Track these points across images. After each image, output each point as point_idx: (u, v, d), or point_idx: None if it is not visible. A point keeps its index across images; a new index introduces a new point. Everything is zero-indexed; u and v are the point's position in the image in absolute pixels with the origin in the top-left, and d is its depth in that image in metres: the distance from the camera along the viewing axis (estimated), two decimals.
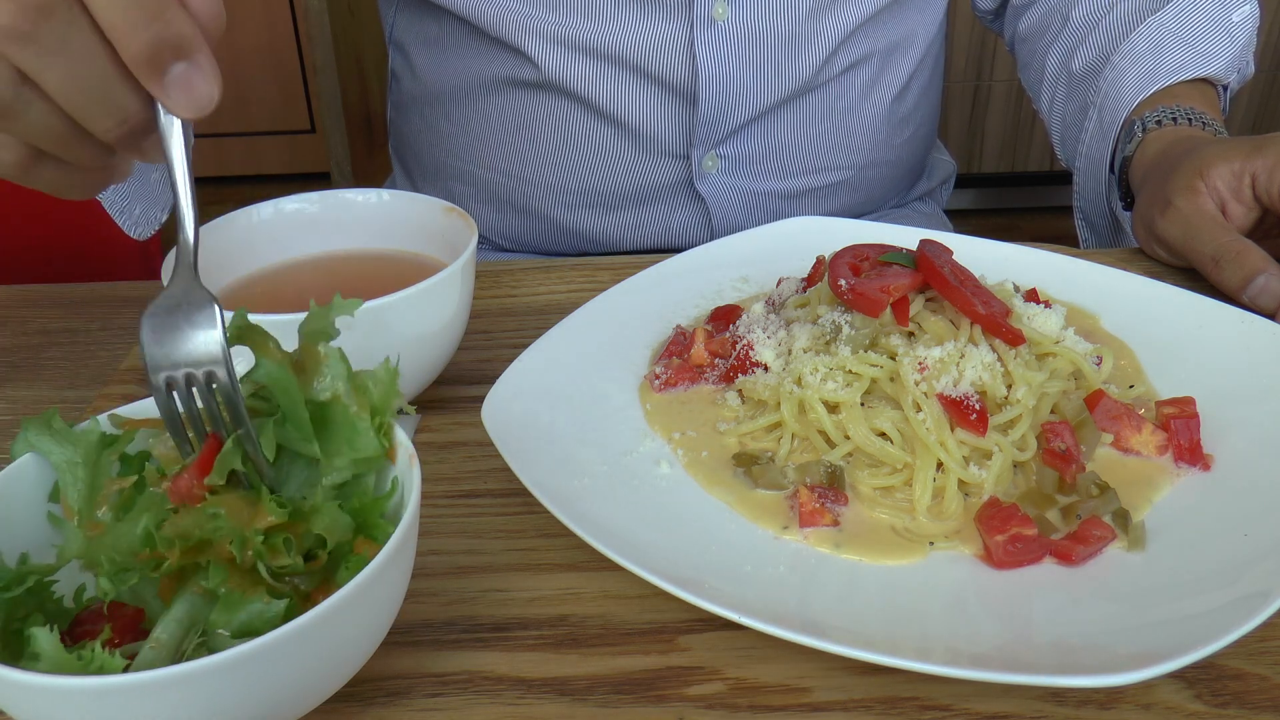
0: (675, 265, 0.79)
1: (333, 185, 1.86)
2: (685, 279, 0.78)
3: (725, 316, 0.72)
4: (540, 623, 0.53)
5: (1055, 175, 2.96)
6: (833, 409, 0.61)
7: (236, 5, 2.86)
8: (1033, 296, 0.70)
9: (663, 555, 0.53)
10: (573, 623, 0.53)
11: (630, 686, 0.50)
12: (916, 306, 0.63)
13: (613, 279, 0.78)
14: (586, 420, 0.64)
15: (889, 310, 0.62)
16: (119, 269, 1.20)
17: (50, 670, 0.39)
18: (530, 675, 0.50)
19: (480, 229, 1.01)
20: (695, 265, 0.79)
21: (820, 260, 0.72)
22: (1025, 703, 0.48)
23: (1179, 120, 0.89)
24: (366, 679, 0.50)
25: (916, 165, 1.18)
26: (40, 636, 0.39)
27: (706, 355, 0.69)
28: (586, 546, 0.53)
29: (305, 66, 2.98)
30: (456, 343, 0.68)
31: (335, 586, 0.41)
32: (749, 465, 0.60)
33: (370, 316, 0.57)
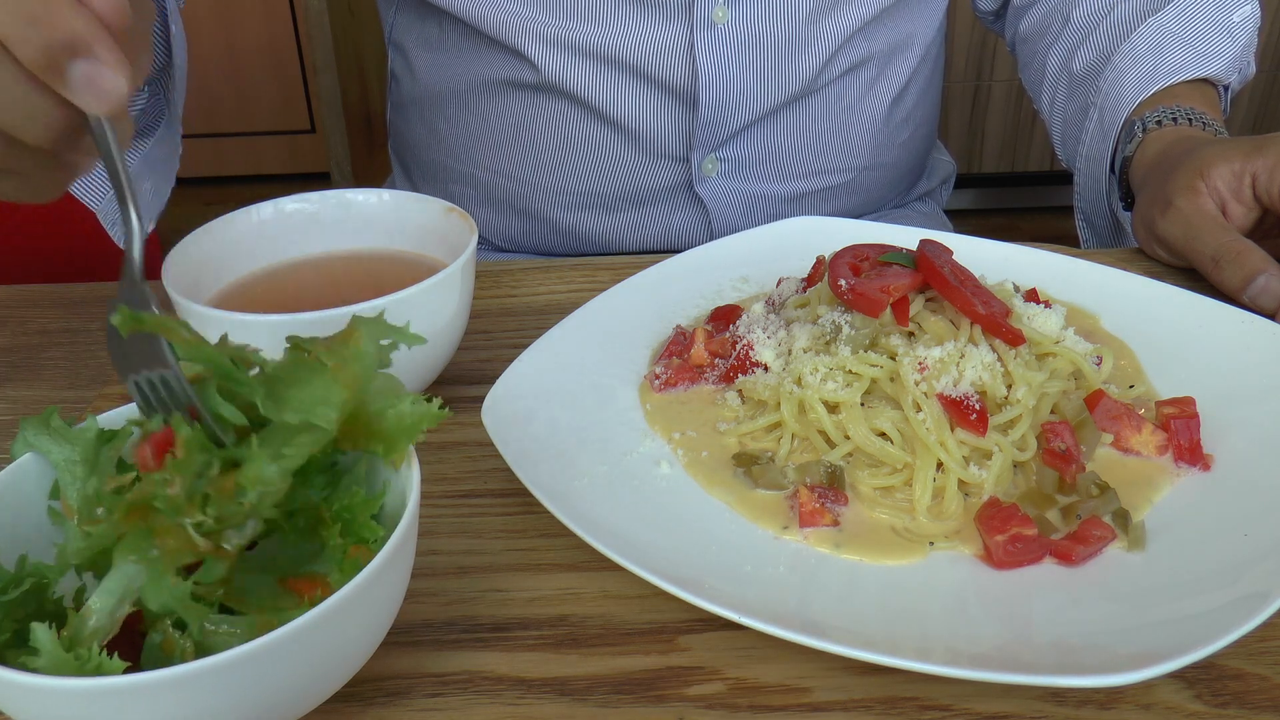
0: (675, 265, 0.79)
1: (333, 185, 1.87)
2: (685, 279, 0.78)
3: (725, 316, 0.72)
4: (540, 623, 0.53)
5: (1055, 175, 2.95)
6: (833, 409, 0.61)
7: (236, 5, 2.86)
8: (1033, 296, 0.69)
9: (663, 555, 0.53)
10: (573, 623, 0.53)
11: (630, 686, 0.50)
12: (916, 306, 0.63)
13: (613, 279, 0.78)
14: (586, 420, 0.64)
15: (889, 310, 0.62)
16: (118, 269, 1.20)
17: (49, 670, 0.39)
18: (530, 675, 0.50)
19: (480, 230, 1.00)
20: (695, 265, 0.79)
21: (820, 260, 0.72)
22: (1025, 703, 0.48)
23: (1179, 120, 0.89)
24: (366, 679, 0.50)
25: (916, 166, 1.18)
26: (40, 634, 0.39)
27: (706, 355, 0.69)
28: (586, 546, 0.53)
29: (305, 66, 2.98)
30: (456, 343, 0.68)
31: (281, 549, 0.40)
32: (749, 465, 0.60)
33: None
